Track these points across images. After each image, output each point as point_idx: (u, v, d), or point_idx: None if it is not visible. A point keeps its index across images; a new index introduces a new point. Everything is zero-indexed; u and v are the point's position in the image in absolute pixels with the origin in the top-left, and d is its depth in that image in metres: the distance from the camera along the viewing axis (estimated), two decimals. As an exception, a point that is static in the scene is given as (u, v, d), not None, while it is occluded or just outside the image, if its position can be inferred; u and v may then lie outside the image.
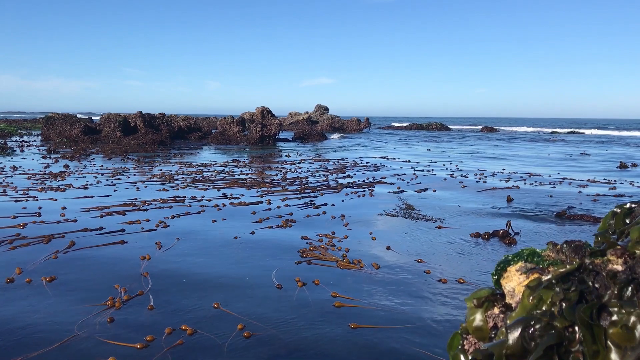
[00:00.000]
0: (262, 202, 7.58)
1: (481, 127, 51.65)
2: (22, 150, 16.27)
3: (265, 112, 24.54)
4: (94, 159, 14.11)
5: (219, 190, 8.58)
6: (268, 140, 23.92)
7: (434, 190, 9.05)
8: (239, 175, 10.78)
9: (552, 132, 45.73)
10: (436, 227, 6.05)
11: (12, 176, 9.88)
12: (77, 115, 24.17)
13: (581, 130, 48.46)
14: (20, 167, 11.56)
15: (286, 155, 16.53)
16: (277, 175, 10.94)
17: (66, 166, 11.80)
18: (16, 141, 20.28)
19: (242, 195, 8.22)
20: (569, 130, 48.97)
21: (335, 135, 32.34)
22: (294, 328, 3.14)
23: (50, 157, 14.11)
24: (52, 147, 17.61)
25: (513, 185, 9.80)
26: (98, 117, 24.55)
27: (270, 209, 7.02)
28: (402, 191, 8.91)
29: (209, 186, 9.06)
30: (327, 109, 42.33)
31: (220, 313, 3.36)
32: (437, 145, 23.85)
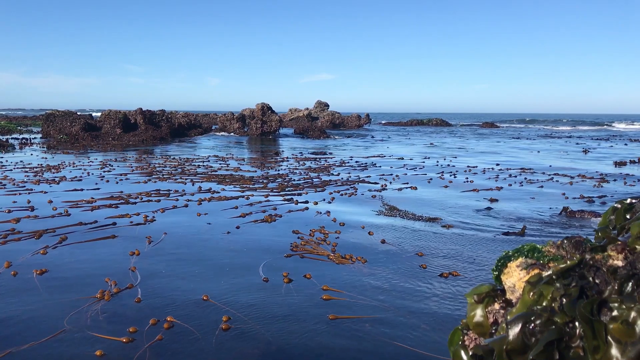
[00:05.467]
0: (252, 195, 7.70)
1: (481, 123, 51.58)
2: (22, 148, 16.27)
3: (266, 109, 24.55)
4: (92, 154, 14.13)
5: (212, 184, 8.60)
6: (268, 136, 23.94)
7: (415, 188, 9.04)
8: (231, 170, 10.78)
9: (552, 128, 45.70)
10: (441, 225, 6.06)
11: (11, 170, 10.28)
12: (77, 112, 24.11)
13: (582, 128, 48.38)
14: (20, 161, 11.89)
15: (275, 154, 16.50)
16: (269, 171, 10.95)
17: (62, 162, 11.92)
18: (16, 138, 20.24)
19: (235, 189, 8.24)
20: (571, 127, 48.88)
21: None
22: (282, 321, 3.16)
23: (49, 153, 14.20)
24: (53, 143, 17.60)
25: (502, 186, 9.79)
26: (98, 114, 24.51)
27: (261, 202, 7.12)
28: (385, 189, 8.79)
29: (194, 180, 9.13)
30: (327, 105, 42.28)
31: (208, 305, 3.40)
32: (434, 141, 23.82)
